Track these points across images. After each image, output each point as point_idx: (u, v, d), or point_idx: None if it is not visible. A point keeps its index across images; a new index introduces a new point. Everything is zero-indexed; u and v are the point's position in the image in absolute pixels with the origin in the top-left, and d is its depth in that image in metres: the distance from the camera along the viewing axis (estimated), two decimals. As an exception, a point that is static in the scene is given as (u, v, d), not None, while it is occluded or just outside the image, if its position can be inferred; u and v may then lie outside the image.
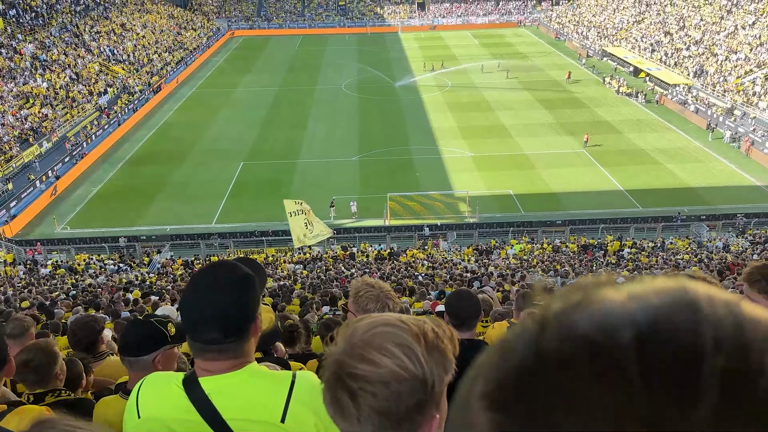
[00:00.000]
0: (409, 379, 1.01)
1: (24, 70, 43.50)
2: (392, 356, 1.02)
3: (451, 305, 3.17)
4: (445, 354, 1.07)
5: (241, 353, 1.74)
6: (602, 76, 53.20)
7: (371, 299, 2.50)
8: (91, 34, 55.69)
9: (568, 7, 78.43)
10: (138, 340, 2.33)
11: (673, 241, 26.24)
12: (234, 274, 1.75)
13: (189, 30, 71.70)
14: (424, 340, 1.05)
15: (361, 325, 1.08)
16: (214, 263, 1.86)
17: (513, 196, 31.69)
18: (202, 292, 1.73)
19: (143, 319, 2.43)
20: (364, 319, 1.10)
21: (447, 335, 1.11)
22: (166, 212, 31.07)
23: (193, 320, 1.71)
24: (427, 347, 1.05)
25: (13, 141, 35.76)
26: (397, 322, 1.07)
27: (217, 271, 1.78)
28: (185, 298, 1.77)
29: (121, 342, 2.38)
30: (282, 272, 21.01)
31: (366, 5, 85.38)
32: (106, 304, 10.72)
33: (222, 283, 1.73)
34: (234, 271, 1.76)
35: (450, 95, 49.99)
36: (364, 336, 1.05)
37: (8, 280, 20.42)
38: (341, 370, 1.04)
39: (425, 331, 1.07)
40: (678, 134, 39.72)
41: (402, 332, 1.05)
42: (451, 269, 19.60)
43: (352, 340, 1.05)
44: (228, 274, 1.75)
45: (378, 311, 2.48)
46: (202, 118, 46.20)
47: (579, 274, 16.83)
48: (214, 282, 1.73)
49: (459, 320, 3.10)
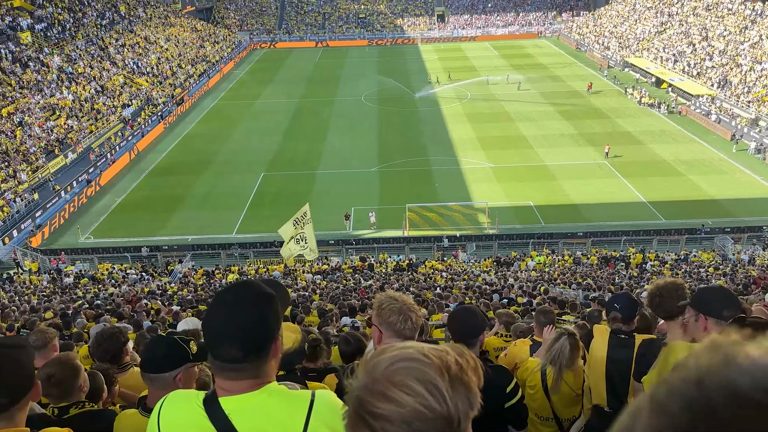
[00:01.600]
0: (432, 418, 0.96)
1: (51, 83, 44.44)
2: (415, 394, 0.96)
3: (451, 322, 3.15)
4: (470, 388, 1.02)
5: (260, 373, 1.74)
6: (624, 87, 52.78)
7: (394, 312, 2.51)
8: (116, 47, 56.77)
9: (589, 18, 78.09)
10: (160, 357, 2.35)
11: (697, 254, 25.81)
12: (255, 293, 1.76)
13: (212, 43, 72.73)
14: (447, 374, 1.00)
15: (383, 360, 1.03)
16: (237, 282, 1.87)
17: (533, 207, 31.47)
18: (223, 310, 1.74)
19: (166, 336, 2.45)
20: (385, 352, 1.06)
21: (471, 366, 1.06)
22: (187, 222, 31.41)
23: (213, 338, 1.72)
24: (451, 382, 0.99)
25: (39, 152, 36.49)
26: (419, 356, 1.02)
27: (238, 290, 1.79)
28: (207, 316, 1.78)
29: (144, 358, 2.39)
30: (301, 283, 21.07)
31: (386, 18, 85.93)
32: (128, 313, 10.85)
33: (243, 302, 1.74)
34: (255, 290, 1.77)
35: (469, 106, 49.96)
36: (385, 372, 1.00)
37: (33, 289, 20.76)
38: (362, 408, 0.99)
39: (448, 363, 1.02)
40: (701, 145, 39.19)
41: (424, 367, 1.00)
42: (470, 281, 19.49)
43: (373, 375, 1.01)
44: (249, 293, 1.76)
45: (401, 323, 2.49)
46: (223, 129, 46.75)
47: (601, 287, 16.61)
48: (236, 301, 1.74)
49: (457, 337, 3.07)
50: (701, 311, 2.79)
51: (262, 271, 25.02)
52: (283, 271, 24.63)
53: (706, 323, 2.76)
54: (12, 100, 39.72)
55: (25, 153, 35.58)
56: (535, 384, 3.97)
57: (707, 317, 2.76)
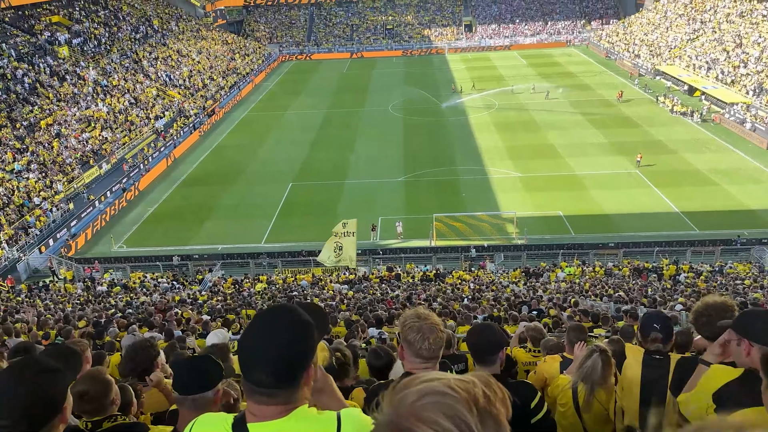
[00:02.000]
0: None
1: (86, 96, 45.63)
2: (443, 430, 0.94)
3: (470, 338, 3.10)
4: (499, 421, 1.00)
5: (291, 400, 1.73)
6: (655, 95, 51.95)
7: (413, 330, 2.50)
8: (150, 60, 58.07)
9: (619, 26, 77.19)
10: (199, 377, 2.35)
11: (733, 266, 25.13)
12: (292, 319, 1.75)
13: (242, 55, 73.88)
14: (475, 408, 0.98)
15: (409, 394, 1.00)
16: (276, 306, 1.85)
17: (563, 217, 31.08)
18: (258, 333, 1.73)
19: (201, 357, 2.46)
20: (410, 384, 1.03)
21: (499, 397, 1.03)
22: (218, 232, 31.83)
23: (247, 361, 1.72)
24: (479, 416, 0.97)
25: (74, 163, 37.44)
26: (446, 390, 1.00)
27: (276, 314, 1.78)
28: (243, 337, 1.78)
29: (181, 382, 2.39)
30: (328, 293, 21.13)
31: (413, 28, 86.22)
32: (159, 322, 11.01)
33: (279, 327, 1.73)
34: (293, 316, 1.76)
35: (497, 115, 49.72)
36: (412, 407, 0.98)
37: (68, 297, 21.23)
38: None
39: (476, 396, 1.00)
40: (736, 154, 38.29)
41: (452, 401, 0.98)
42: (499, 292, 19.30)
43: (399, 411, 0.98)
44: (286, 318, 1.75)
45: (418, 342, 2.48)
46: (253, 140, 47.37)
47: (633, 299, 16.29)
48: (272, 326, 1.73)
49: (475, 355, 3.01)
50: (746, 336, 2.66)
51: (290, 280, 25.18)
52: (311, 281, 24.75)
53: (750, 349, 2.62)
54: (50, 113, 40.89)
55: (61, 164, 36.54)
56: (567, 402, 3.89)
57: (752, 343, 2.62)
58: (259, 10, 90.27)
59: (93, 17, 58.29)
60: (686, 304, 13.86)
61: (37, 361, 2.01)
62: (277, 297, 19.11)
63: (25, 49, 46.30)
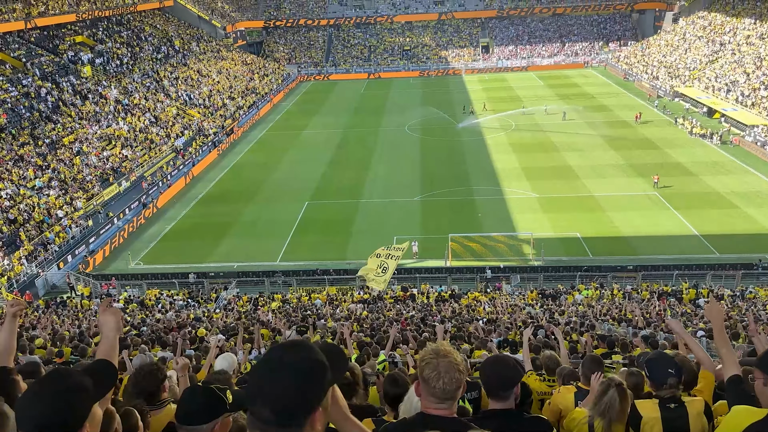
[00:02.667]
0: None
1: (108, 114, 46.43)
2: None
3: (484, 373, 2.99)
4: None
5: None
6: (674, 117, 51.57)
7: (429, 366, 2.41)
8: (170, 79, 59.04)
9: (637, 48, 77.05)
10: (197, 408, 2.31)
11: (754, 291, 24.61)
12: (305, 359, 1.69)
13: (261, 76, 74.85)
14: None
15: None
16: (293, 342, 1.77)
17: (580, 239, 30.79)
18: (267, 369, 1.68)
19: (203, 387, 2.42)
20: None
21: None
22: (234, 249, 31.97)
23: (252, 395, 1.67)
24: None
25: (94, 180, 37.97)
26: None
27: (290, 351, 1.71)
28: (253, 370, 1.73)
29: (181, 411, 2.35)
30: (342, 312, 21.04)
31: (431, 49, 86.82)
32: (172, 341, 11.00)
33: (288, 365, 1.67)
34: (307, 355, 1.70)
35: (514, 136, 49.66)
36: None
37: (85, 313, 21.37)
38: None
39: None
40: (757, 177, 37.77)
41: None
42: (514, 314, 19.06)
43: None
44: (299, 357, 1.69)
45: (433, 380, 2.38)
46: (271, 159, 47.76)
47: (651, 323, 15.98)
48: (282, 362, 1.67)
49: (489, 390, 2.89)
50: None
51: (305, 299, 25.13)
52: (325, 300, 24.68)
53: None
54: (71, 131, 41.64)
55: (81, 181, 37.07)
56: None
57: None
58: (279, 31, 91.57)
59: (116, 37, 59.54)
60: (707, 330, 13.56)
61: (64, 378, 2.03)
62: (291, 315, 19.06)
63: (49, 68, 47.33)
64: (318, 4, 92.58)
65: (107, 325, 2.83)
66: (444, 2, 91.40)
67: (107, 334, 2.82)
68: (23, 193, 33.43)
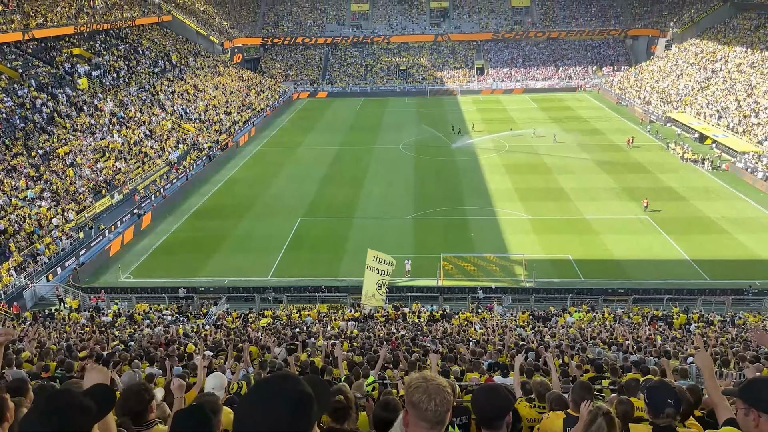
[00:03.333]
0: None
1: (102, 126, 46.40)
2: None
3: (475, 402, 2.97)
4: None
5: None
6: (666, 142, 52.10)
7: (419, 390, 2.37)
8: (166, 93, 59.17)
9: (630, 73, 78.02)
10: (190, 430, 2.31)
11: (743, 316, 24.70)
12: (295, 390, 1.74)
13: (257, 92, 75.16)
14: None
15: None
16: (279, 375, 1.84)
17: (572, 261, 30.87)
18: (256, 401, 1.72)
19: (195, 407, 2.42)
20: None
21: None
22: (225, 264, 31.82)
23: (243, 425, 1.70)
24: None
25: (87, 192, 37.81)
26: None
27: (277, 384, 1.77)
28: (241, 403, 1.76)
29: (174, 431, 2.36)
30: (333, 330, 20.91)
31: (426, 70, 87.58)
32: (160, 357, 10.89)
33: (280, 396, 1.72)
34: (294, 388, 1.75)
35: (507, 157, 49.96)
36: None
37: (72, 326, 21.14)
38: None
39: None
40: (748, 203, 38.10)
41: None
42: (505, 335, 19.01)
43: None
44: (289, 389, 1.74)
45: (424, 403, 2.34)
46: (265, 174, 47.78)
47: (642, 348, 15.99)
48: (270, 394, 1.72)
49: (481, 420, 2.85)
50: (755, 406, 2.51)
51: (295, 316, 24.98)
52: (316, 317, 24.54)
53: (759, 420, 2.48)
54: (65, 142, 41.55)
55: (74, 193, 36.91)
56: (572, 464, 3.77)
57: (760, 413, 2.47)
58: (276, 49, 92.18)
59: (113, 50, 59.73)
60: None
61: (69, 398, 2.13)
62: (281, 332, 18.94)
63: (45, 79, 47.36)
64: (316, 23, 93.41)
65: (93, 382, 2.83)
66: (440, 24, 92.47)
67: None
68: (15, 204, 33.23)
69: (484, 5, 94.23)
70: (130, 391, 3.47)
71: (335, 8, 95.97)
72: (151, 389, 3.63)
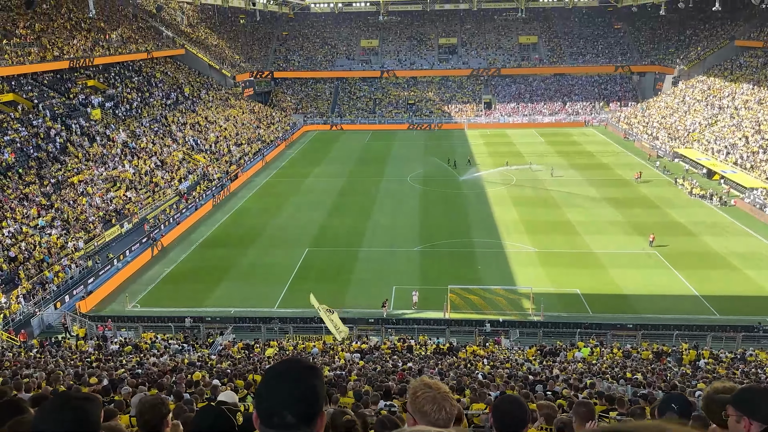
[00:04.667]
0: None
1: (114, 156, 47.04)
2: None
3: (495, 413, 3.02)
4: None
5: None
6: (674, 177, 52.18)
7: (428, 401, 2.42)
8: (178, 125, 60.07)
9: (637, 109, 78.59)
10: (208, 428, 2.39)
11: (755, 353, 24.37)
12: (304, 366, 1.94)
13: (267, 124, 76.17)
14: None
15: None
16: (285, 359, 2.07)
17: (580, 295, 30.69)
18: (278, 380, 1.89)
19: (215, 406, 2.50)
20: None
21: None
22: (232, 294, 31.84)
23: (269, 407, 1.85)
24: None
25: (97, 221, 38.16)
26: None
27: (288, 363, 1.97)
28: (261, 387, 1.92)
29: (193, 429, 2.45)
30: (339, 361, 20.80)
31: (434, 104, 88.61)
32: (168, 384, 10.89)
33: (295, 373, 1.91)
34: (303, 364, 1.95)
35: (515, 190, 50.12)
36: None
37: (79, 354, 21.14)
38: None
39: None
40: (757, 239, 37.91)
41: None
42: (513, 369, 18.86)
43: None
44: (299, 366, 1.94)
45: (435, 413, 2.40)
46: (273, 205, 48.11)
47: (651, 383, 15.81)
48: (288, 373, 1.91)
49: (503, 428, 2.91)
50: (746, 414, 2.57)
51: (301, 347, 24.88)
52: (322, 348, 24.43)
53: (750, 427, 2.54)
54: (77, 171, 42.11)
55: (84, 222, 37.25)
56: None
57: (752, 421, 2.54)
58: (287, 82, 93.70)
59: (127, 82, 60.92)
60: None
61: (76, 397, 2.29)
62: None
63: (59, 110, 48.26)
64: (326, 57, 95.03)
65: None
66: (448, 60, 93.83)
67: None
68: (26, 231, 33.56)
69: (492, 41, 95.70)
70: (148, 403, 3.53)
71: (345, 44, 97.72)
72: (167, 403, 3.69)
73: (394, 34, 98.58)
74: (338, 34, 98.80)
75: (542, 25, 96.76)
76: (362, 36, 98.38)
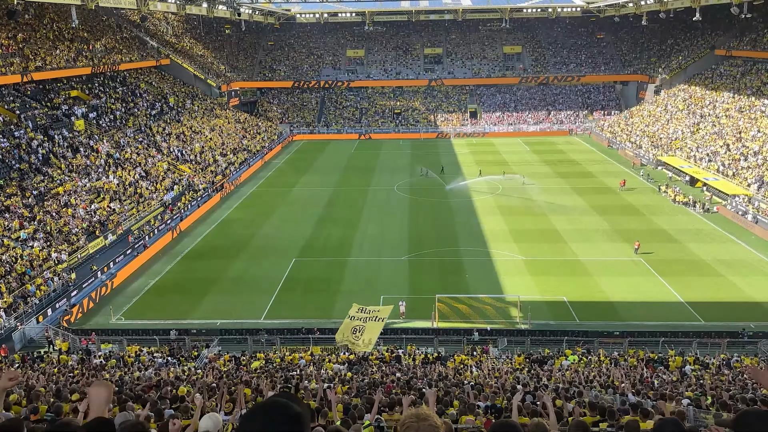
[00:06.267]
0: None
1: (98, 167, 46.57)
2: None
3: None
4: None
5: None
6: (657, 185, 52.71)
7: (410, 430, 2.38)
8: (163, 135, 59.66)
9: (621, 117, 79.44)
10: None
11: (740, 359, 24.55)
12: (286, 413, 1.86)
13: (253, 134, 75.91)
14: None
15: None
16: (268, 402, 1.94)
17: (567, 303, 30.79)
18: (267, 416, 1.83)
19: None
20: None
21: None
22: (218, 306, 31.55)
23: None
24: None
25: (80, 233, 37.68)
26: None
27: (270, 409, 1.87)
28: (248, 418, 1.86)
29: None
30: (327, 372, 20.63)
31: (420, 113, 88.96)
32: (153, 400, 10.71)
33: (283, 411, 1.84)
34: (286, 410, 1.87)
35: (501, 199, 50.32)
36: None
37: (62, 369, 20.78)
38: None
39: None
40: (740, 245, 38.33)
41: None
42: (501, 378, 18.82)
43: None
44: (280, 413, 1.85)
45: None
46: (259, 215, 47.86)
47: (639, 391, 15.83)
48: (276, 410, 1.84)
49: None
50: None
51: (288, 358, 24.66)
52: (309, 359, 24.24)
53: None
54: (60, 183, 41.61)
55: (66, 233, 36.77)
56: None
57: None
58: (273, 92, 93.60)
59: (111, 93, 60.45)
60: (693, 399, 13.48)
61: None
62: (275, 375, 18.66)
63: (42, 120, 47.73)
64: (312, 67, 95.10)
65: (99, 397, 2.84)
66: (434, 70, 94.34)
67: (99, 406, 2.82)
68: (7, 244, 33.04)
69: (477, 52, 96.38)
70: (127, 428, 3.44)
71: (331, 54, 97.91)
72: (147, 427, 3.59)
73: (379, 44, 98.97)
74: (324, 44, 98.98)
75: (526, 35, 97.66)
76: (348, 46, 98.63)
